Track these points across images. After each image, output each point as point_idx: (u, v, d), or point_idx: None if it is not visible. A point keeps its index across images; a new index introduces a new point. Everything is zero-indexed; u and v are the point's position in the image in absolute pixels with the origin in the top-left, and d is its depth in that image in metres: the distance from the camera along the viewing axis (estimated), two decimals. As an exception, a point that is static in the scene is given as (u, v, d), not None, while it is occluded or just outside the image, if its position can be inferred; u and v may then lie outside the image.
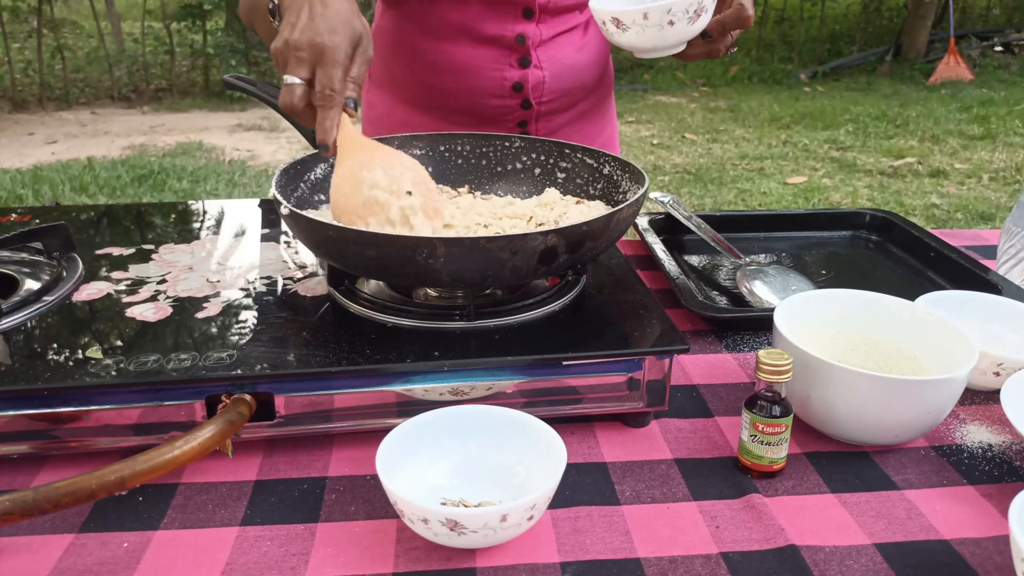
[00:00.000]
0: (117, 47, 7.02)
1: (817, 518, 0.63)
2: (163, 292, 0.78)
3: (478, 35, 1.05)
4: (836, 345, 0.79)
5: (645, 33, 0.84)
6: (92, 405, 0.64)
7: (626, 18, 0.83)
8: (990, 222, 3.65)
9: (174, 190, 3.96)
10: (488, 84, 1.08)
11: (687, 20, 0.82)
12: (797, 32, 8.11)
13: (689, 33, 0.85)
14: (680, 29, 0.83)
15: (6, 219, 0.96)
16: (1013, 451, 0.72)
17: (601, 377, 0.70)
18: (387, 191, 0.73)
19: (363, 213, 0.72)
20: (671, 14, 0.81)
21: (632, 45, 0.86)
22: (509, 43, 1.06)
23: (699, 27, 0.85)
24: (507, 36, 1.05)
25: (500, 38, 1.06)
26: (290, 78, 0.71)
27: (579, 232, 0.68)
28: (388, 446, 0.60)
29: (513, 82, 1.07)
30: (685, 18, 0.82)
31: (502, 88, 1.08)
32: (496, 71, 1.07)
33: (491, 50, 1.06)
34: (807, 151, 4.87)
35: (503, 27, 1.05)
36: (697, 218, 1.09)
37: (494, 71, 1.07)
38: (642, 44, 0.86)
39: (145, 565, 0.57)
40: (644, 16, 0.82)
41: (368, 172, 0.73)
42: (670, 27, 0.82)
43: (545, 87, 1.09)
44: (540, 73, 1.08)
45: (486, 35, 1.05)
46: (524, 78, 1.07)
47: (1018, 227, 1.17)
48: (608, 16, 0.85)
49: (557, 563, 0.58)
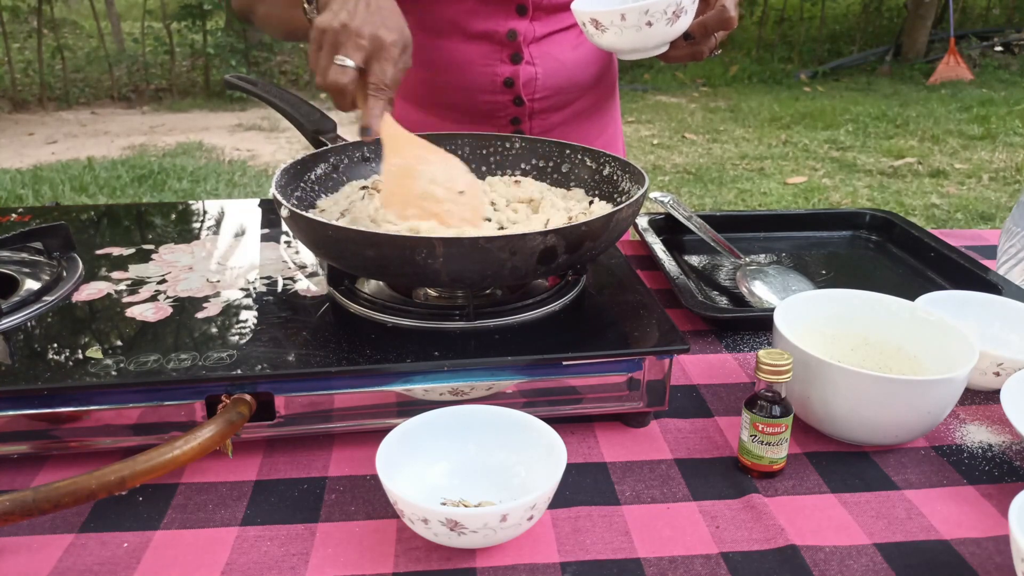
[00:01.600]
0: (117, 47, 7.03)
1: (817, 518, 0.63)
2: (163, 292, 0.78)
3: (470, 31, 1.06)
4: (836, 345, 0.79)
5: (624, 34, 0.83)
6: (92, 405, 0.64)
7: (604, 19, 0.83)
8: (990, 222, 3.66)
9: (174, 190, 3.96)
10: (480, 80, 1.08)
11: (666, 21, 0.82)
12: (797, 32, 8.11)
13: (669, 34, 0.84)
14: (659, 30, 0.82)
15: (6, 219, 0.96)
16: (1013, 451, 0.72)
17: (601, 377, 0.70)
18: (443, 187, 0.76)
19: (421, 204, 0.75)
20: (649, 15, 0.81)
21: (612, 46, 0.86)
22: (500, 39, 1.06)
23: (679, 28, 0.84)
24: (499, 32, 1.06)
25: (492, 33, 1.06)
26: (345, 60, 0.73)
27: (579, 232, 0.68)
28: (388, 446, 0.60)
29: (504, 78, 1.07)
30: (664, 19, 0.81)
31: (493, 84, 1.08)
32: (487, 67, 1.07)
33: (483, 46, 1.06)
34: (807, 151, 4.87)
35: (495, 23, 1.05)
36: (697, 218, 1.09)
37: (485, 66, 1.07)
38: (622, 45, 0.85)
39: (145, 565, 0.57)
40: (622, 17, 0.81)
41: (426, 167, 0.77)
42: (649, 28, 0.82)
43: (538, 84, 1.09)
44: (532, 69, 1.08)
45: (478, 30, 1.05)
46: (515, 74, 1.07)
47: (1018, 227, 1.17)
48: (588, 17, 0.84)
49: (557, 563, 0.58)
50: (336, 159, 0.90)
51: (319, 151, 0.89)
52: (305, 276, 0.82)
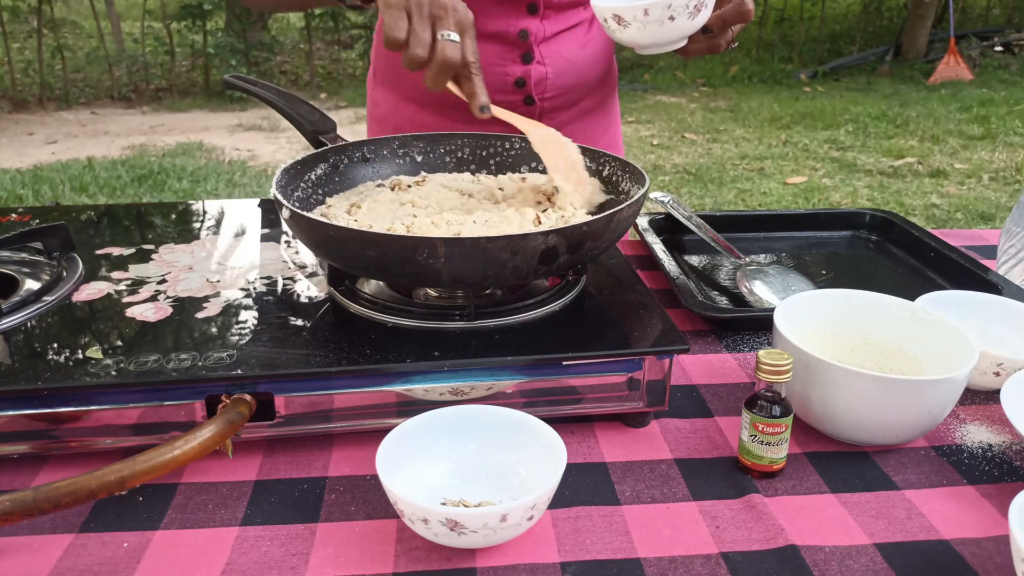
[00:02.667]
0: (117, 47, 7.03)
1: (817, 518, 0.63)
2: (163, 292, 0.78)
3: (481, 31, 1.05)
4: (836, 345, 0.79)
5: (646, 29, 0.84)
6: (92, 405, 0.64)
7: (627, 14, 0.84)
8: (990, 222, 3.65)
9: (174, 190, 3.96)
10: (491, 80, 1.08)
11: (687, 15, 0.82)
12: (797, 32, 8.11)
13: (690, 28, 0.85)
14: (681, 24, 0.83)
15: (6, 219, 0.96)
16: (1013, 451, 0.72)
17: (601, 377, 0.70)
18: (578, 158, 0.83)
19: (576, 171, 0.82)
20: (671, 9, 0.82)
21: (633, 41, 0.87)
22: (512, 39, 1.06)
23: (700, 22, 0.85)
24: (510, 32, 1.05)
25: (503, 33, 1.06)
26: (451, 34, 0.75)
27: (579, 232, 0.68)
28: (388, 446, 0.60)
29: (516, 78, 1.07)
30: (686, 13, 0.82)
31: (505, 84, 1.08)
32: (499, 67, 1.07)
33: (494, 45, 1.06)
34: (807, 151, 4.87)
35: (507, 22, 1.05)
36: (697, 218, 1.09)
37: (497, 67, 1.07)
38: (643, 40, 0.86)
39: (145, 565, 0.57)
40: (645, 12, 0.82)
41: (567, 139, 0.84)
42: (671, 22, 0.83)
43: (548, 83, 1.09)
44: (543, 69, 1.08)
45: (489, 30, 1.05)
46: (527, 74, 1.07)
47: (1018, 227, 1.17)
48: (609, 13, 0.85)
49: (557, 563, 0.58)
50: (336, 159, 0.90)
51: (319, 151, 0.89)
52: (305, 276, 0.82)
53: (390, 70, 1.16)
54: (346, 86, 6.81)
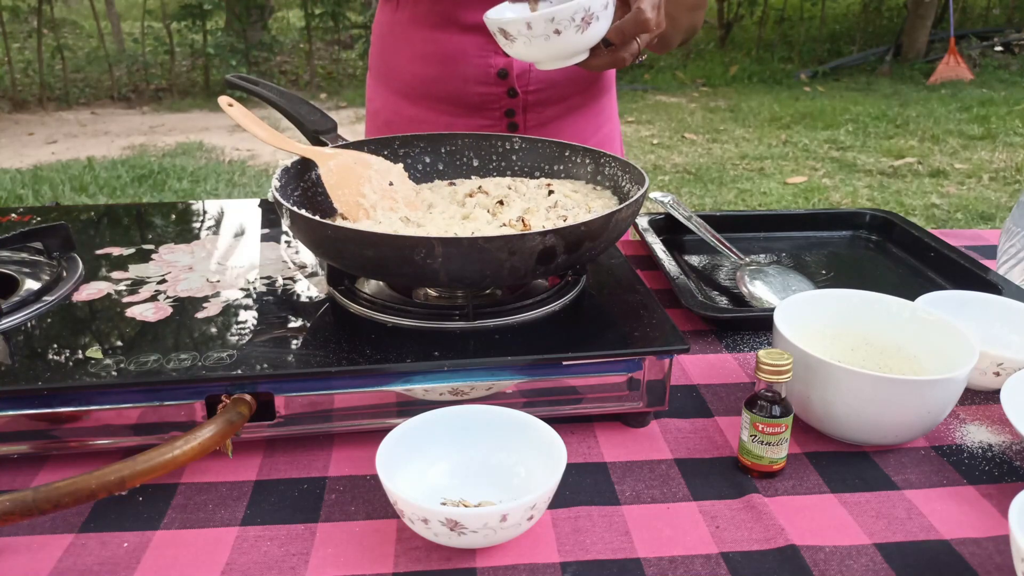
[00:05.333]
0: (117, 47, 7.03)
1: (817, 518, 0.63)
2: (163, 292, 0.78)
3: (463, 22, 1.06)
4: (836, 345, 0.79)
5: (532, 44, 0.78)
6: (92, 405, 0.64)
7: (511, 28, 0.78)
8: (990, 222, 3.65)
9: (174, 190, 3.97)
10: (474, 71, 1.08)
11: (575, 29, 0.76)
12: (797, 32, 8.11)
13: (582, 43, 0.79)
14: (570, 39, 0.77)
15: (6, 219, 0.96)
16: (1013, 451, 0.72)
17: (601, 377, 0.70)
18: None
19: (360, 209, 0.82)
20: (556, 23, 0.76)
21: (523, 56, 0.81)
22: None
23: (593, 36, 0.79)
24: None
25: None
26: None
27: (578, 232, 0.68)
28: (388, 446, 0.60)
29: (498, 68, 1.08)
30: (572, 27, 0.76)
31: (487, 75, 1.08)
32: (481, 57, 1.07)
33: (477, 36, 1.06)
34: (807, 151, 4.87)
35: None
36: (697, 218, 1.09)
37: (479, 57, 1.07)
38: (533, 55, 0.80)
39: (145, 565, 0.57)
40: (528, 26, 0.77)
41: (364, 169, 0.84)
42: (557, 36, 0.77)
43: (531, 75, 1.09)
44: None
45: (472, 22, 1.05)
46: (509, 65, 1.08)
47: (1018, 227, 1.17)
48: (496, 27, 0.80)
49: (557, 563, 0.58)
50: (336, 159, 0.90)
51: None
52: (305, 276, 0.82)
53: (382, 65, 1.16)
54: (346, 86, 6.81)
